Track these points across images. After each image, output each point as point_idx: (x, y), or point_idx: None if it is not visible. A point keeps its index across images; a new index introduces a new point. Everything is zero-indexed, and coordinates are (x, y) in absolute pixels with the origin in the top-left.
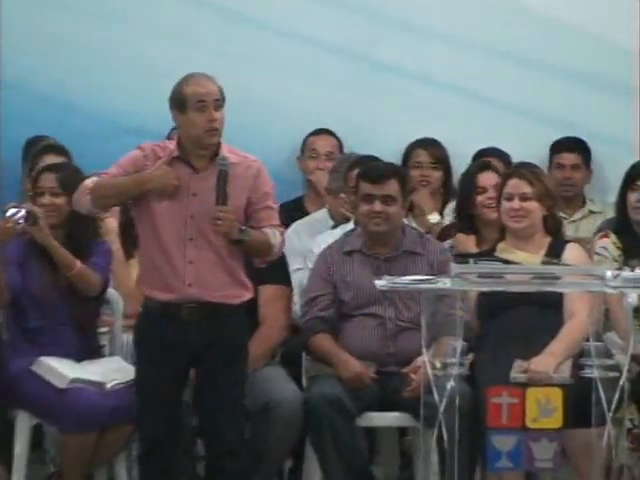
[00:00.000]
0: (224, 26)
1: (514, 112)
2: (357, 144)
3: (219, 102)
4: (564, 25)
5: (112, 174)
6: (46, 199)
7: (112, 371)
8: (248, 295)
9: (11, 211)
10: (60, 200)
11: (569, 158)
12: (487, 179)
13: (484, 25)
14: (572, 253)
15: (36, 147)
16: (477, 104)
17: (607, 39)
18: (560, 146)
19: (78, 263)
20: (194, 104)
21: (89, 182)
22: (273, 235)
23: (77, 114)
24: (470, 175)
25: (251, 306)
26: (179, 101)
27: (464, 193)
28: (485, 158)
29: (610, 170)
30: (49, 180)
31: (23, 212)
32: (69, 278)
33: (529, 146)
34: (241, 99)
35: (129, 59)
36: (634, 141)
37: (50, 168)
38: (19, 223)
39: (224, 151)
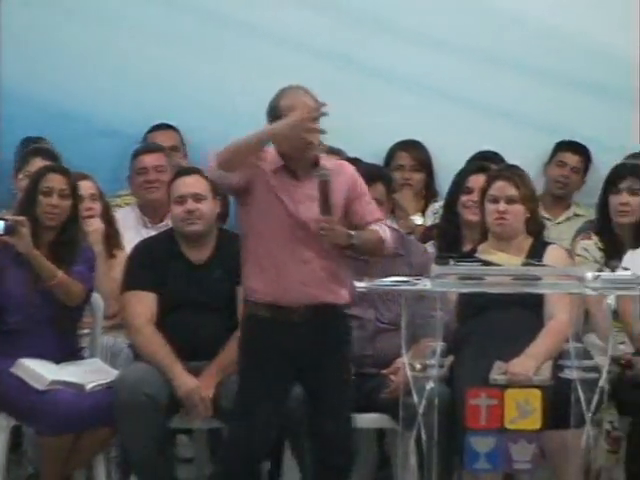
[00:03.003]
0: (204, 28)
1: (503, 118)
2: (340, 146)
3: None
4: (558, 31)
5: None
6: (54, 200)
7: (91, 373)
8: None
9: None
10: (67, 203)
11: (572, 159)
12: (477, 181)
13: (476, 30)
14: (553, 255)
15: (28, 148)
16: (465, 109)
17: (604, 46)
18: (566, 145)
19: (60, 273)
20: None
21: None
22: (383, 231)
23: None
24: (462, 175)
25: (231, 307)
26: (272, 112)
27: (453, 192)
28: (481, 161)
29: None
30: (59, 181)
31: (3, 223)
32: (50, 287)
33: (516, 151)
34: (227, 103)
35: (120, 63)
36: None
37: (59, 170)
38: None
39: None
